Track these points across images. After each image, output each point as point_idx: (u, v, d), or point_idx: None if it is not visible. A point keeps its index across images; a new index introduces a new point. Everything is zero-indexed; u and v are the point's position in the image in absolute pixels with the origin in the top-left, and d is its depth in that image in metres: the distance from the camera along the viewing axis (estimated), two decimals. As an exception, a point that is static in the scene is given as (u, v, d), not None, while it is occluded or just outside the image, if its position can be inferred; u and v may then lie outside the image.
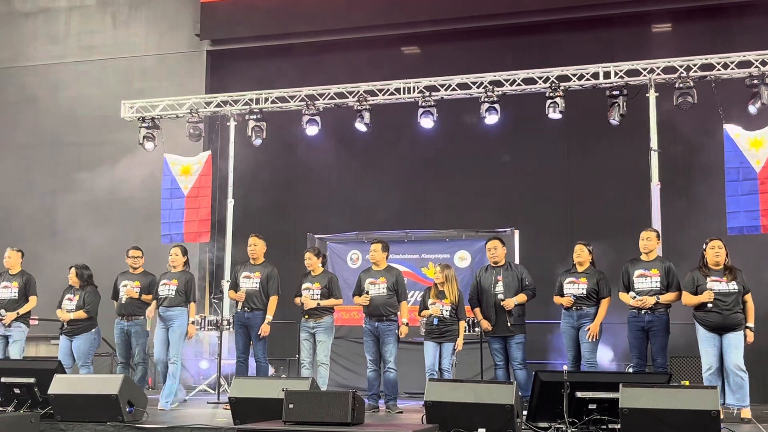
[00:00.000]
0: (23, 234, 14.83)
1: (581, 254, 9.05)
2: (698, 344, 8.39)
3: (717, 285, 8.26)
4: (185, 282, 9.38)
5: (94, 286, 9.89)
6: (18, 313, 9.83)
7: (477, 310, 9.34)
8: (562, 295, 9.03)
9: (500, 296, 9.13)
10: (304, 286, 9.54)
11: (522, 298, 9.15)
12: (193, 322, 9.46)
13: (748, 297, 8.29)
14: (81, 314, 9.62)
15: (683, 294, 8.46)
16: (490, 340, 9.27)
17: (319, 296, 9.43)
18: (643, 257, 8.81)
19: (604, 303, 8.91)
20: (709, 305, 8.19)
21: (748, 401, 8.19)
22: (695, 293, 8.34)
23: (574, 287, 8.95)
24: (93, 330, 9.73)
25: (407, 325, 9.39)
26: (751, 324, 8.24)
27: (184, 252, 9.66)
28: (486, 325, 9.19)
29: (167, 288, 9.37)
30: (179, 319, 9.30)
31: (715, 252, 8.35)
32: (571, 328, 8.94)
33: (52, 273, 10.15)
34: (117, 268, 10.14)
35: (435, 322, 9.12)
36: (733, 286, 8.21)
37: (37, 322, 10.16)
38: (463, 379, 8.55)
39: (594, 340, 8.81)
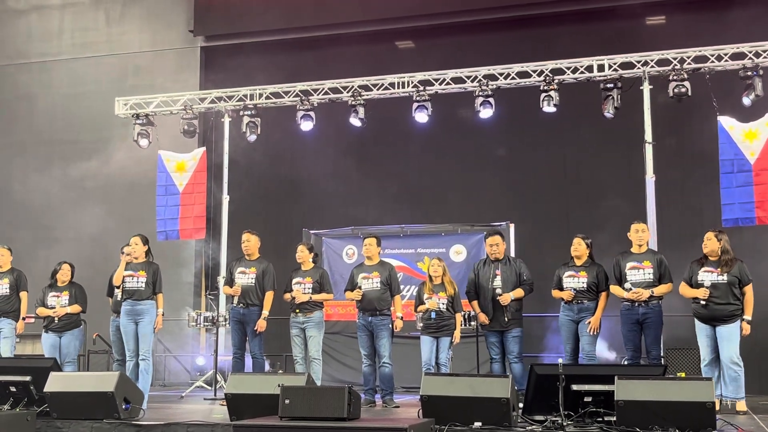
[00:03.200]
0: (17, 230, 14.82)
1: (579, 248, 9.03)
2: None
3: (708, 276, 8.27)
4: (152, 273, 9.13)
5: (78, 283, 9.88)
6: (24, 319, 9.86)
7: (474, 303, 9.33)
8: (561, 288, 9.00)
9: (498, 290, 9.11)
10: (294, 280, 9.54)
11: (519, 293, 9.13)
12: (162, 313, 9.22)
13: (748, 288, 8.23)
14: (77, 308, 9.63)
15: (681, 284, 8.49)
16: (486, 333, 9.26)
17: (310, 290, 9.44)
18: (635, 249, 8.82)
19: (604, 296, 8.90)
20: (702, 302, 8.21)
21: (743, 394, 8.17)
22: (690, 284, 8.37)
23: (575, 281, 8.92)
24: (81, 327, 9.74)
25: (401, 319, 9.40)
26: (747, 316, 8.19)
27: (145, 241, 9.32)
28: (483, 318, 9.18)
29: (135, 280, 9.06)
30: (149, 313, 9.04)
31: (704, 243, 8.38)
32: (571, 321, 8.91)
33: (47, 268, 10.12)
34: (111, 265, 10.12)
35: (433, 316, 9.13)
36: (722, 278, 8.21)
37: (33, 321, 10.13)
38: (459, 373, 8.55)
39: (595, 333, 8.82)
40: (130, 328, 9.04)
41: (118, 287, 9.31)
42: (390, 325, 9.38)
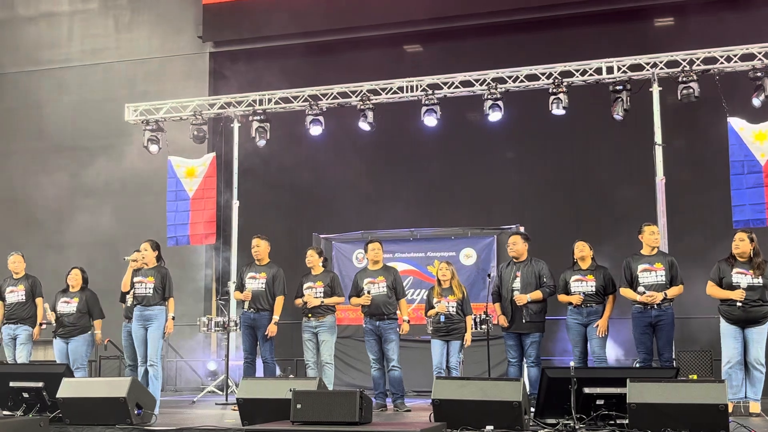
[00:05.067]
0: (27, 236, 14.88)
1: (584, 249, 9.01)
2: (720, 337, 8.34)
3: (742, 278, 8.18)
4: (161, 278, 9.09)
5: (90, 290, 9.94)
6: (41, 325, 9.96)
7: (497, 305, 9.28)
8: (567, 292, 8.99)
9: (516, 292, 9.07)
10: (306, 285, 9.54)
11: (537, 295, 9.01)
12: (173, 318, 9.17)
13: None
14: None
15: (708, 284, 8.41)
16: (505, 335, 9.21)
17: (322, 294, 9.45)
18: (645, 251, 8.77)
19: (612, 299, 8.90)
20: (738, 304, 8.11)
21: (760, 396, 8.17)
22: (720, 284, 8.30)
23: (583, 285, 8.89)
24: (89, 332, 9.74)
25: (408, 322, 9.40)
26: None
27: (155, 246, 9.29)
28: (503, 320, 9.14)
29: (143, 286, 9.05)
30: (158, 319, 9.01)
31: (735, 244, 8.28)
32: (579, 325, 8.89)
33: (57, 274, 10.16)
34: (122, 271, 10.15)
35: (442, 319, 9.12)
36: (758, 281, 8.14)
37: (44, 326, 10.18)
38: (471, 376, 8.54)
39: (603, 335, 8.80)
40: (141, 334, 9.05)
41: (127, 293, 9.35)
42: (397, 329, 9.38)
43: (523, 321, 8.99)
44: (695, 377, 10.14)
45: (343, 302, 9.95)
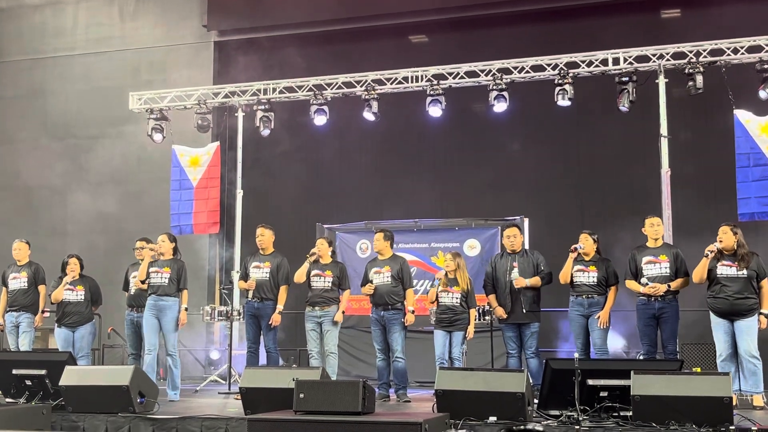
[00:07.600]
0: (33, 226, 14.88)
1: (586, 243, 8.99)
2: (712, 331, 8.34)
3: (726, 270, 8.21)
4: (177, 269, 9.26)
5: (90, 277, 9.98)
6: (43, 312, 10.02)
7: (492, 296, 9.27)
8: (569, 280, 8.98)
9: (515, 275, 9.06)
10: (314, 272, 9.53)
11: (536, 280, 9.07)
12: (186, 309, 9.30)
13: (765, 282, 8.19)
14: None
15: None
16: (503, 327, 9.20)
17: (330, 285, 9.44)
18: (650, 244, 8.76)
19: (613, 290, 8.90)
20: (709, 253, 8.16)
21: (761, 388, 8.15)
22: (707, 277, 8.29)
23: (584, 276, 8.90)
24: (93, 321, 9.87)
25: (413, 312, 9.38)
26: (765, 310, 8.15)
27: (172, 239, 9.51)
28: (501, 312, 9.13)
29: (159, 276, 9.22)
30: (172, 310, 9.17)
31: (719, 237, 8.29)
32: (581, 316, 8.89)
33: (60, 262, 10.15)
34: (124, 259, 10.17)
35: (437, 283, 9.14)
36: (742, 273, 8.15)
37: (48, 315, 10.19)
38: (474, 367, 8.53)
39: (605, 327, 8.79)
40: (152, 323, 9.14)
41: (143, 282, 9.37)
42: (402, 319, 9.36)
43: (523, 311, 9.01)
44: (699, 370, 10.11)
45: (350, 294, 9.93)
